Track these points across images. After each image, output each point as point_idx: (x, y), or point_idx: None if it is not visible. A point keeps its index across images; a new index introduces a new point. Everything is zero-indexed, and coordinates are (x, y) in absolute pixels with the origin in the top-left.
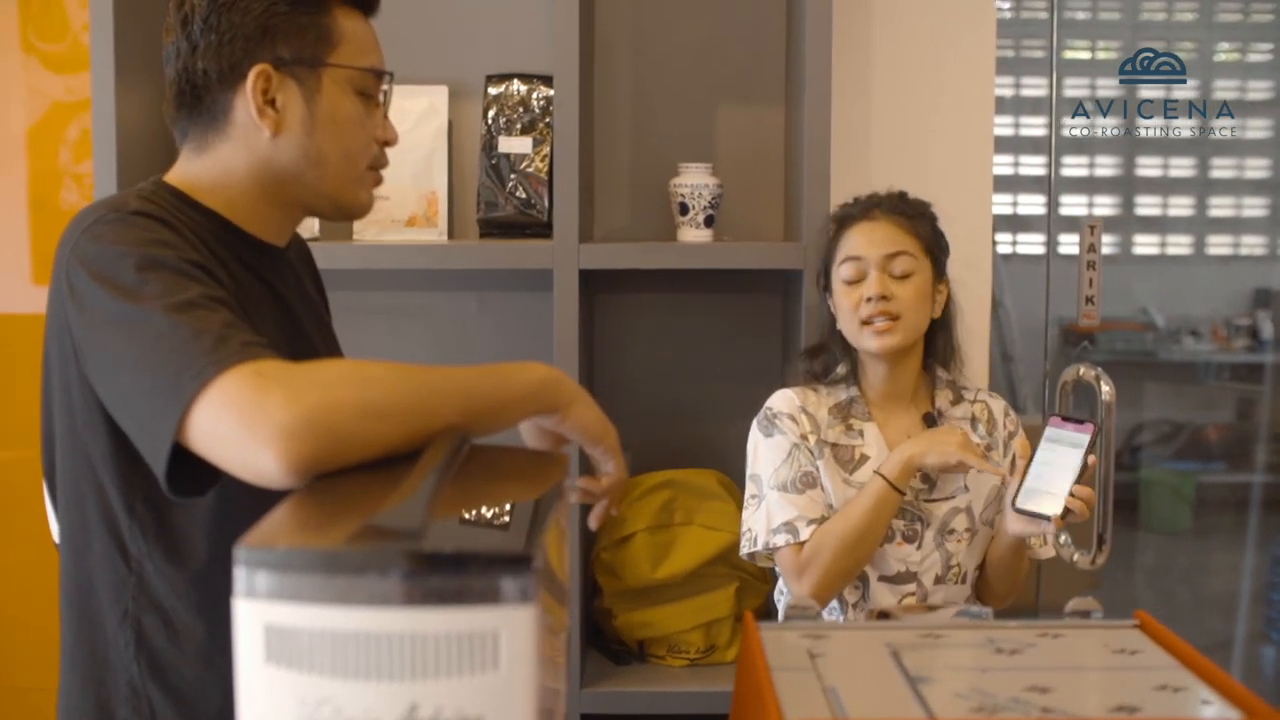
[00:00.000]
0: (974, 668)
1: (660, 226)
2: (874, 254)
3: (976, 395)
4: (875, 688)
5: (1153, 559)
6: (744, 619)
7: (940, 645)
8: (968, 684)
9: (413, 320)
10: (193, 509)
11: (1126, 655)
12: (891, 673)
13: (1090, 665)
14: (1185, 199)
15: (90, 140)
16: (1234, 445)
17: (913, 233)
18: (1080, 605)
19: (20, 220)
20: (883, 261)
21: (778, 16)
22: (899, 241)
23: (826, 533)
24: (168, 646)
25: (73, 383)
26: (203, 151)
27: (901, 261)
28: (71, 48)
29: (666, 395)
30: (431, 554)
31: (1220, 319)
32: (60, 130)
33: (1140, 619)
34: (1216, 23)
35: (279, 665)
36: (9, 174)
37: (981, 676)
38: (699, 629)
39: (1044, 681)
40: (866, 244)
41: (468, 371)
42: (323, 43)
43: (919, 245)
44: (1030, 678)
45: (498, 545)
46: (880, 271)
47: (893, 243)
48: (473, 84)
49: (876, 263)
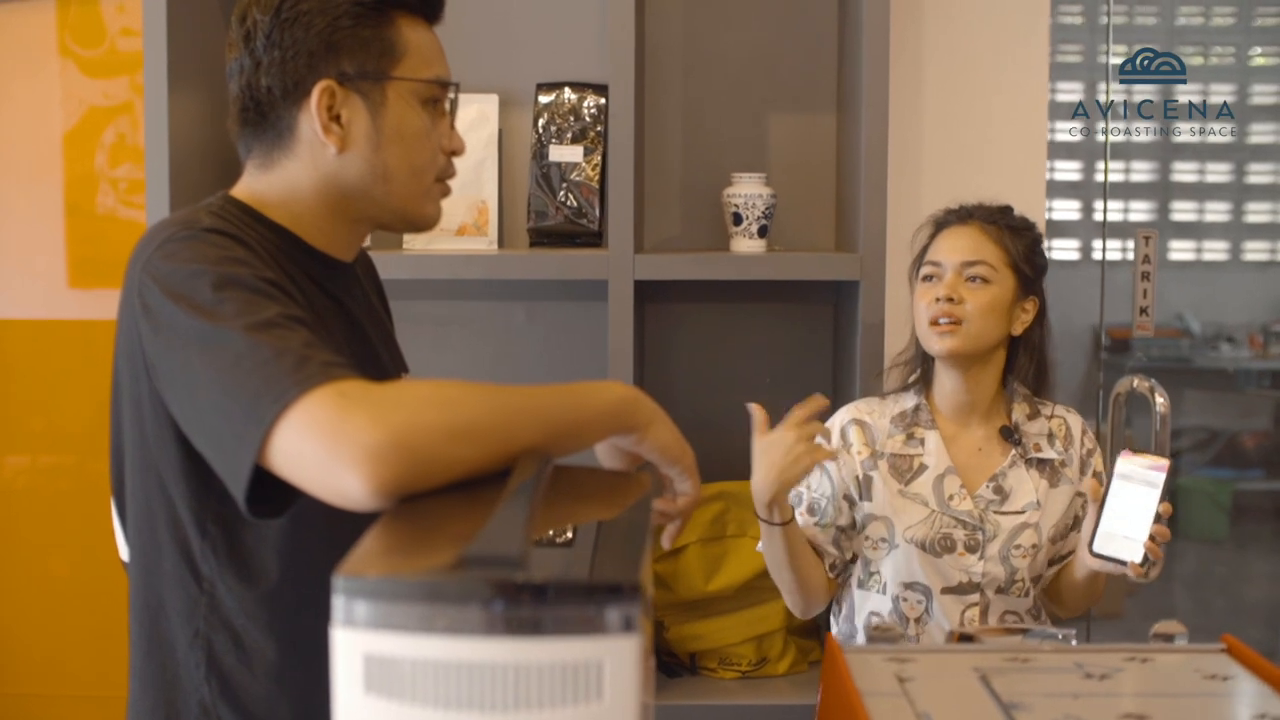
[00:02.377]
0: (1066, 694)
1: (710, 236)
2: (954, 260)
3: (1054, 410)
4: (969, 714)
5: (1190, 567)
6: (826, 642)
7: (1028, 669)
8: (1062, 711)
9: (461, 330)
10: (264, 529)
11: (1219, 681)
12: (983, 698)
13: (1183, 692)
14: (1221, 204)
15: (125, 145)
16: (1271, 453)
17: (1000, 244)
18: (1165, 629)
19: (56, 225)
20: (960, 267)
21: (829, 24)
22: (982, 251)
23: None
24: (238, 666)
25: (144, 400)
26: (268, 168)
27: (979, 270)
28: (109, 53)
29: (717, 406)
30: (537, 584)
31: (1257, 325)
32: (96, 135)
33: (1227, 642)
34: (1254, 27)
35: (380, 695)
36: (46, 178)
37: (1074, 703)
38: (750, 642)
39: (1138, 709)
40: (950, 249)
41: (546, 391)
42: (387, 56)
43: (1004, 258)
44: (1124, 704)
45: (603, 575)
46: (956, 275)
47: (975, 251)
48: (523, 92)
49: (954, 267)
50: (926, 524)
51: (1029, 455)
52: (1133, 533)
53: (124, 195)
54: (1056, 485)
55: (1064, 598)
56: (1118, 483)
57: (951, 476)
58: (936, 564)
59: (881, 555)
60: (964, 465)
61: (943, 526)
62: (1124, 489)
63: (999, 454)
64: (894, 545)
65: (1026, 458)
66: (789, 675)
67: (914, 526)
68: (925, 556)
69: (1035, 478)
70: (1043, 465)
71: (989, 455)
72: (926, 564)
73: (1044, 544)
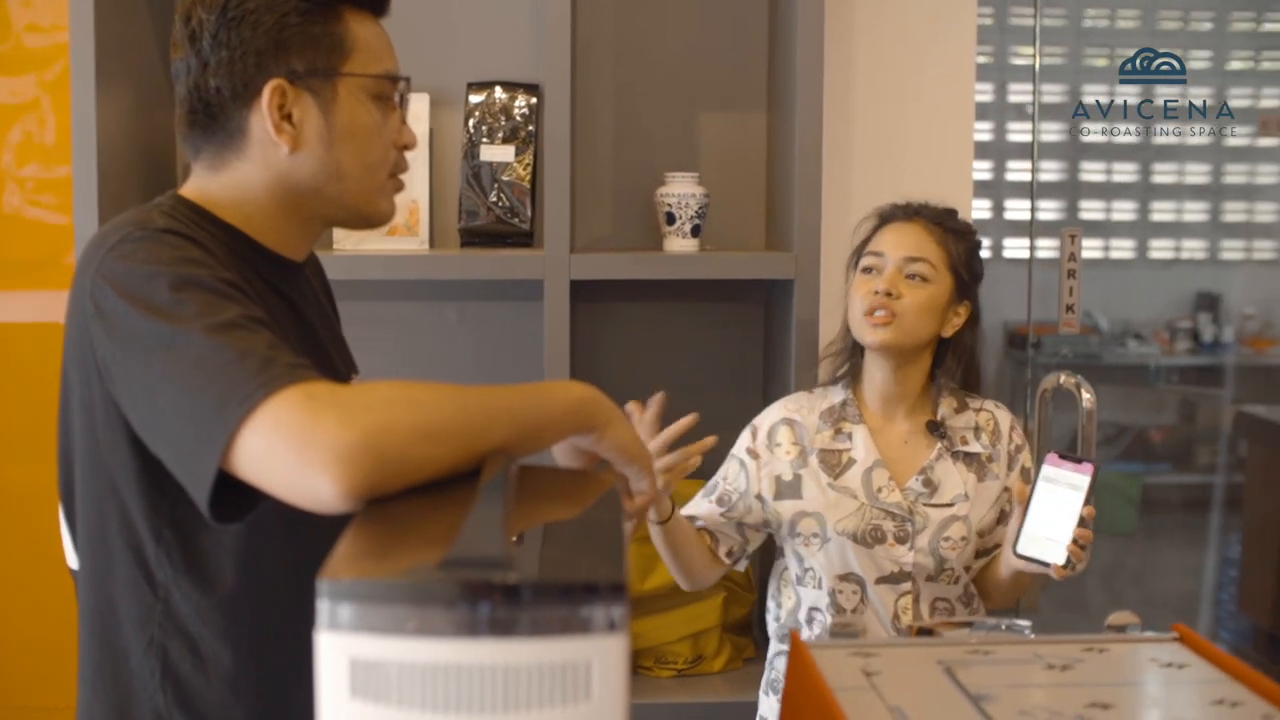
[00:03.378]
0: (1031, 684)
1: (642, 235)
2: (897, 254)
3: (983, 405)
4: (939, 706)
5: (1102, 560)
6: (791, 639)
7: (991, 661)
8: (1030, 701)
9: (392, 331)
10: (220, 534)
11: (1175, 669)
12: (951, 691)
13: (1144, 680)
14: (1128, 203)
15: (32, 144)
16: (1178, 447)
17: (943, 246)
18: (1120, 620)
19: None
20: (902, 262)
21: (759, 24)
22: (925, 249)
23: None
24: (194, 674)
25: (95, 405)
26: (219, 168)
27: (919, 267)
28: (14, 49)
29: None
30: (524, 584)
31: (1163, 322)
32: (3, 133)
33: (1179, 631)
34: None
35: (365, 699)
36: None
37: (1041, 693)
38: (686, 640)
39: (1103, 698)
40: (894, 243)
41: (510, 391)
42: (336, 52)
43: (945, 259)
44: (1089, 694)
45: (590, 574)
46: (896, 270)
47: (918, 248)
48: (454, 92)
49: (896, 262)
50: (857, 516)
51: (955, 449)
52: (1056, 535)
53: (30, 195)
54: (983, 480)
55: (990, 592)
56: (1042, 485)
57: (880, 469)
58: (869, 555)
59: (814, 550)
60: (892, 458)
61: (873, 518)
62: (1048, 492)
63: (925, 447)
64: (826, 539)
65: (953, 451)
66: (724, 673)
67: (845, 519)
68: (857, 548)
69: (963, 471)
70: (969, 459)
71: (916, 449)
72: (860, 555)
73: (972, 537)
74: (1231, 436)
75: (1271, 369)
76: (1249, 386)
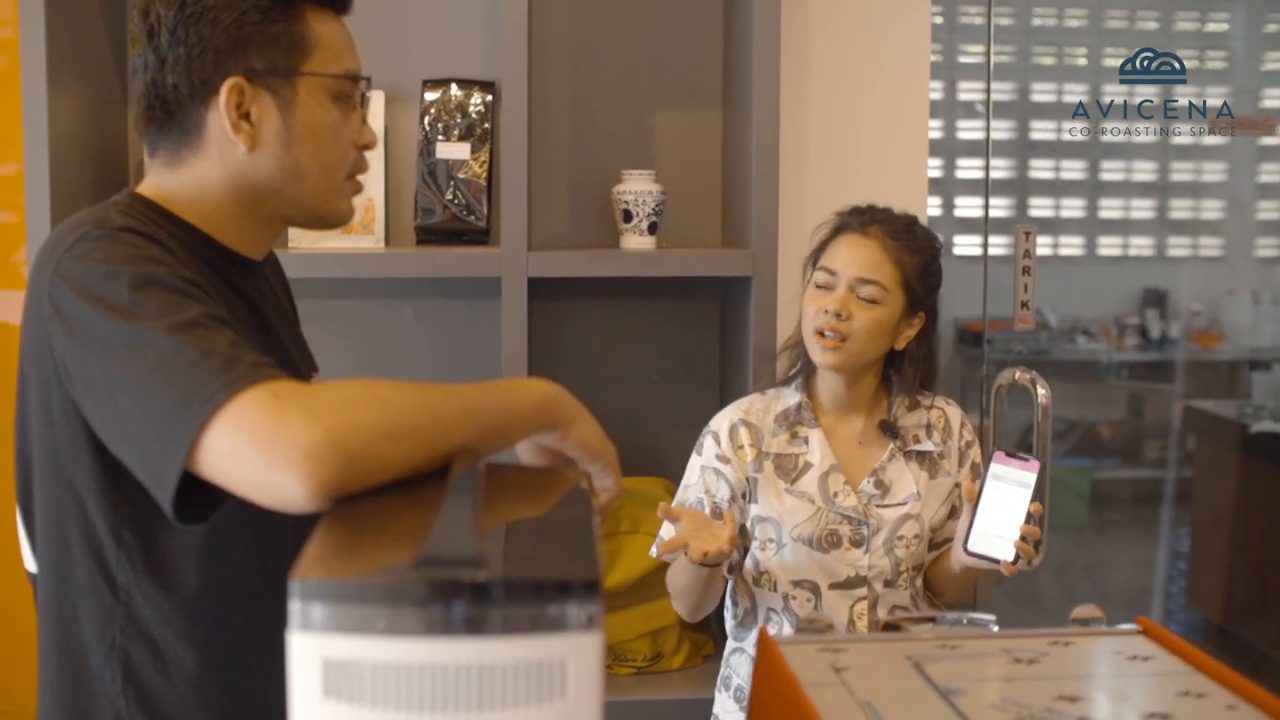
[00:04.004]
0: (999, 678)
1: (598, 233)
2: (849, 273)
3: (934, 402)
4: (909, 701)
5: (1053, 554)
6: (760, 636)
7: (958, 656)
8: (999, 695)
9: (347, 329)
10: (182, 536)
11: (1140, 662)
12: (920, 685)
13: (1110, 673)
14: (1077, 200)
15: None
16: (1126, 442)
17: (897, 262)
18: (1084, 614)
19: None
20: (854, 282)
21: (714, 21)
22: (877, 269)
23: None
24: (156, 677)
25: (54, 406)
26: (176, 166)
27: (871, 291)
28: None
29: (607, 403)
30: (499, 582)
31: (1111, 318)
32: None
33: (1143, 624)
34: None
35: (339, 700)
36: None
37: (1009, 687)
38: (645, 637)
39: (1071, 690)
40: (847, 260)
41: (475, 389)
42: (296, 51)
43: (897, 277)
44: (1057, 687)
45: (565, 572)
46: (848, 290)
47: (870, 268)
48: (409, 89)
49: (848, 281)
50: (813, 521)
51: (908, 449)
52: (1005, 531)
53: None
54: (935, 477)
55: (943, 586)
56: (991, 483)
57: (836, 473)
58: (823, 560)
59: (770, 555)
60: (845, 460)
61: (829, 523)
62: (997, 489)
63: (878, 447)
64: (782, 544)
65: (905, 450)
66: (684, 670)
67: (801, 524)
68: (812, 553)
69: (915, 469)
70: (922, 457)
71: (869, 449)
72: (814, 561)
73: (925, 534)
74: (1180, 431)
75: (1218, 364)
76: (1197, 382)
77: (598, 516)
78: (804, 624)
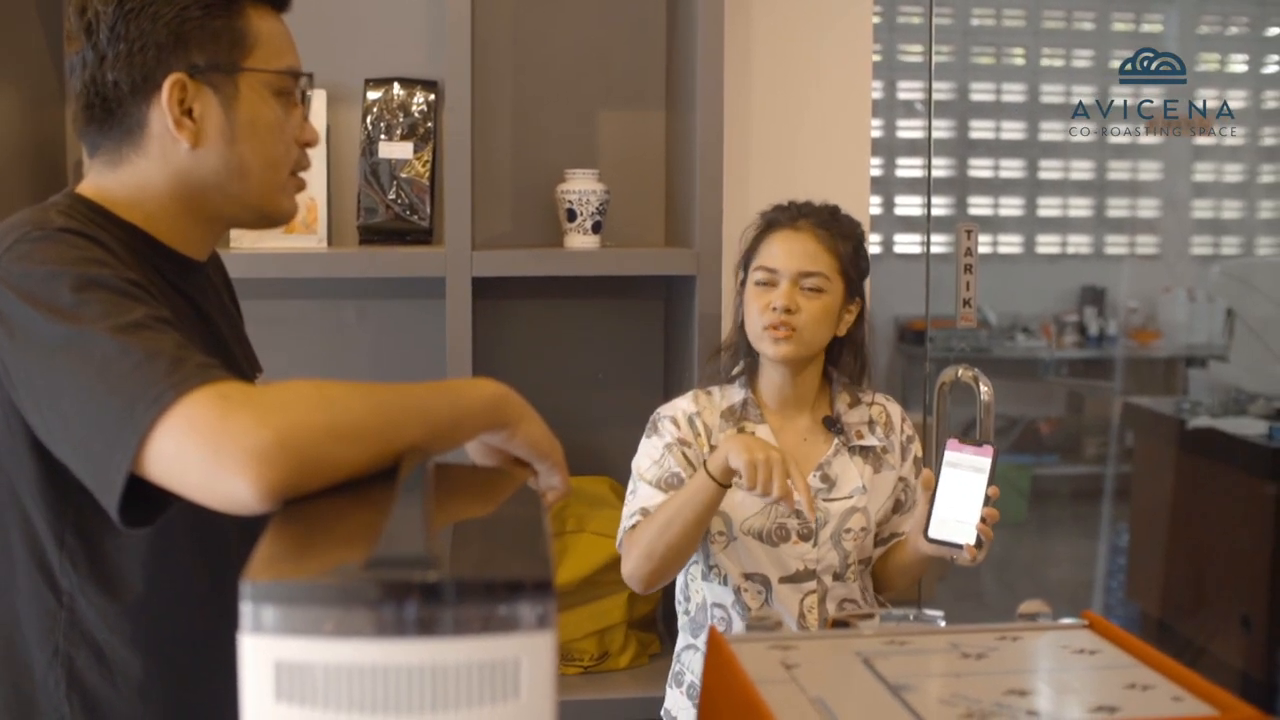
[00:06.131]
0: (949, 673)
1: (541, 232)
2: (790, 268)
3: (875, 398)
4: (860, 697)
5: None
6: (710, 634)
7: (908, 652)
8: (949, 690)
9: (289, 330)
10: (127, 539)
11: (1087, 655)
12: (870, 681)
13: (1058, 667)
14: (1015, 199)
15: None
16: (1066, 439)
17: (833, 251)
18: (1030, 608)
19: None
20: (797, 276)
21: (657, 21)
22: (816, 260)
23: (648, 516)
24: (101, 683)
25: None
26: (117, 165)
27: (815, 281)
28: None
29: (552, 402)
30: (451, 583)
31: (1050, 316)
32: None
33: (1089, 619)
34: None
35: (291, 703)
36: None
37: (959, 682)
38: (592, 636)
39: (1020, 685)
40: (784, 256)
41: (423, 389)
42: (238, 47)
43: (835, 265)
44: (1006, 681)
45: (517, 571)
46: (791, 285)
47: (810, 260)
48: (351, 88)
49: (790, 276)
50: (762, 515)
51: (851, 443)
52: (965, 516)
53: None
54: (880, 471)
55: (891, 579)
56: (947, 471)
57: None
58: (774, 554)
59: (720, 548)
60: (791, 455)
61: (777, 517)
62: (953, 476)
63: (823, 443)
64: (732, 538)
65: (849, 445)
66: (630, 669)
67: (750, 519)
68: (762, 546)
69: (860, 464)
70: (865, 452)
71: (814, 445)
72: (765, 554)
73: (871, 527)
74: (1119, 428)
75: (1155, 361)
76: (1135, 378)
77: (547, 515)
78: (754, 621)
